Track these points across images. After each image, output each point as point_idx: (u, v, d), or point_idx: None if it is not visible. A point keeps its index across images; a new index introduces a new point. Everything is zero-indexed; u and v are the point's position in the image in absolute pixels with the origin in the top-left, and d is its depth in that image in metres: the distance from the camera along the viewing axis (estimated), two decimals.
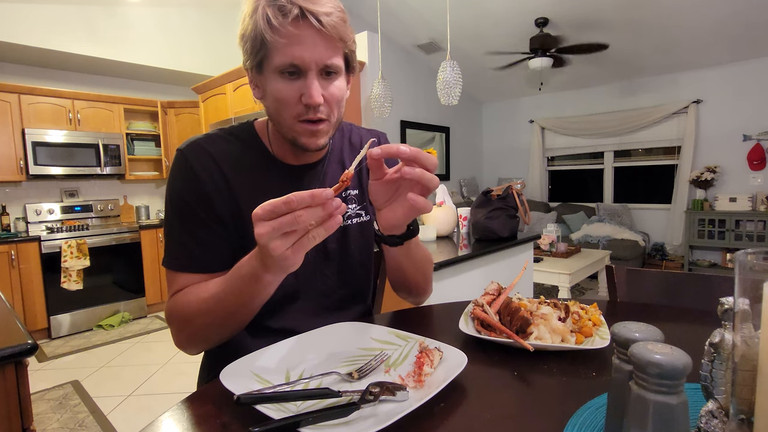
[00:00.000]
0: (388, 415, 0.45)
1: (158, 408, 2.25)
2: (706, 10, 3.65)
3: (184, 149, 0.74)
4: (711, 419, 0.37)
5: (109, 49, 3.61)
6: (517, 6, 3.95)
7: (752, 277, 0.32)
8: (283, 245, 0.50)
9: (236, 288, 0.61)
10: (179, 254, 0.72)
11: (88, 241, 3.48)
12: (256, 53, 0.66)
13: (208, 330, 0.67)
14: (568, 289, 3.20)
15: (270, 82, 0.67)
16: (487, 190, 2.08)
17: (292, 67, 0.64)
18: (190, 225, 0.72)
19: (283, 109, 0.68)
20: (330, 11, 0.63)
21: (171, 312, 0.70)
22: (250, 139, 0.78)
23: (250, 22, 0.64)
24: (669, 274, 1.08)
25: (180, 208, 0.72)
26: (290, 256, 0.51)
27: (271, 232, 0.50)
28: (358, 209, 0.86)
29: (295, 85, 0.66)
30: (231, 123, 3.24)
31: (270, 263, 0.53)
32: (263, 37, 0.63)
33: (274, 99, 0.68)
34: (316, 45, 0.64)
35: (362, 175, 0.88)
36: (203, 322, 0.66)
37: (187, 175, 0.72)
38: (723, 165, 4.57)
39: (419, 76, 5.30)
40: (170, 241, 0.73)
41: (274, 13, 0.61)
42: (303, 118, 0.68)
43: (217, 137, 0.77)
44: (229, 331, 0.68)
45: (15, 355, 0.82)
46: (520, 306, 0.70)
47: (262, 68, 0.68)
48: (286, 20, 0.62)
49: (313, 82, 0.65)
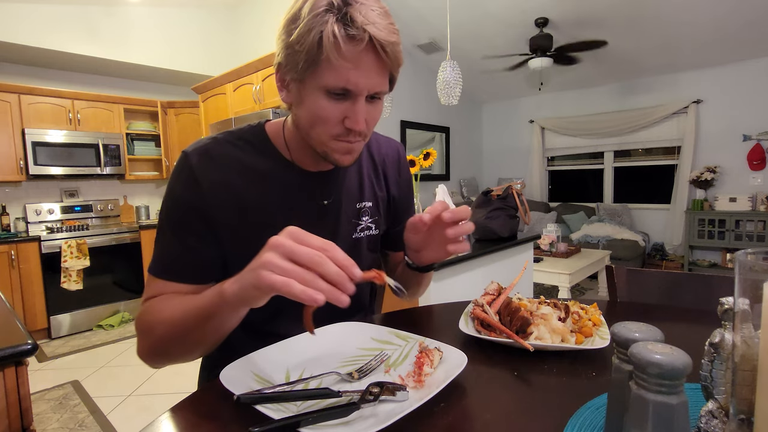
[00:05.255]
0: (388, 415, 0.45)
1: (158, 408, 2.25)
2: (706, 10, 3.64)
3: (190, 153, 0.71)
4: (711, 419, 0.37)
5: (109, 49, 3.61)
6: (517, 6, 3.95)
7: (752, 277, 0.32)
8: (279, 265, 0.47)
9: (199, 303, 0.58)
10: (164, 259, 0.70)
11: (88, 241, 3.48)
12: (307, 67, 0.60)
13: (168, 344, 0.63)
14: (568, 289, 3.19)
15: (312, 96, 0.63)
16: (487, 190, 2.08)
17: (343, 90, 0.61)
18: (180, 231, 0.69)
19: (321, 126, 0.64)
20: (394, 40, 0.60)
21: (139, 319, 0.67)
22: (263, 144, 0.75)
23: (309, 34, 0.58)
24: (669, 274, 1.08)
25: (174, 215, 0.70)
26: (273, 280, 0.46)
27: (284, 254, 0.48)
28: (370, 222, 0.85)
29: (341, 106, 0.63)
30: (231, 123, 3.24)
31: (246, 279, 0.50)
32: (324, 55, 0.58)
33: (313, 114, 0.64)
34: (373, 72, 0.61)
35: (375, 189, 0.86)
36: (165, 333, 0.62)
37: (188, 182, 0.69)
38: (723, 165, 4.57)
39: (419, 76, 5.30)
40: (158, 246, 0.71)
41: (344, 37, 0.57)
42: (343, 138, 0.66)
43: (225, 142, 0.73)
44: (189, 350, 0.64)
45: (15, 355, 0.82)
46: (520, 306, 0.70)
47: (305, 80, 0.62)
48: (356, 48, 0.58)
49: (361, 109, 0.63)
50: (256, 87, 3.21)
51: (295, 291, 0.45)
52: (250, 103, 3.29)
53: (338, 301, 0.46)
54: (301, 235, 0.49)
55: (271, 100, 3.10)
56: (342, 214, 0.80)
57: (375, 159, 0.87)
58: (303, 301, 0.45)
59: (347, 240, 0.81)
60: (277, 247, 0.48)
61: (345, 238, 0.81)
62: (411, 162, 2.17)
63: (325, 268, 0.46)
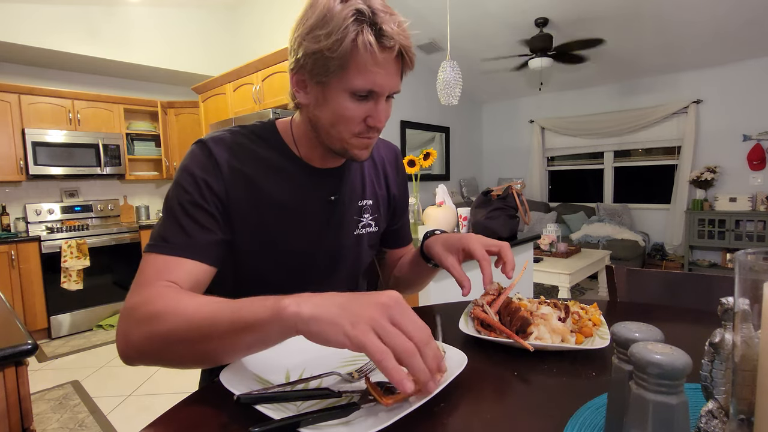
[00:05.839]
0: (388, 415, 0.45)
1: (158, 408, 2.25)
2: (706, 10, 3.64)
3: (207, 140, 0.72)
4: (711, 419, 0.37)
5: (109, 49, 3.61)
6: (517, 6, 3.95)
7: (752, 277, 0.32)
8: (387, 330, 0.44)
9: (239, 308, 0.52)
10: (172, 236, 0.66)
11: (88, 241, 3.48)
12: (335, 70, 0.63)
13: (177, 343, 0.55)
14: (568, 289, 3.20)
15: (336, 99, 0.66)
16: (487, 190, 2.08)
17: (368, 92, 0.65)
18: (195, 211, 0.67)
19: (343, 125, 0.68)
20: (412, 46, 0.66)
21: (138, 305, 0.58)
22: (274, 139, 0.77)
23: (343, 41, 0.60)
24: (669, 274, 1.08)
25: (188, 191, 0.68)
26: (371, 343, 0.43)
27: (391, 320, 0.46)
28: (371, 219, 0.87)
29: (364, 107, 0.67)
30: (231, 123, 3.24)
31: (331, 315, 0.45)
32: (357, 61, 0.62)
33: (336, 114, 0.67)
34: (395, 75, 0.67)
35: (376, 187, 0.89)
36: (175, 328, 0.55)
37: (209, 163, 0.70)
38: (723, 165, 4.57)
39: (419, 76, 5.30)
40: (164, 225, 0.67)
41: (379, 46, 0.62)
42: (363, 135, 0.70)
43: (239, 134, 0.75)
44: (200, 358, 0.56)
45: (15, 356, 0.82)
46: (520, 306, 0.70)
47: (330, 82, 0.65)
48: (389, 56, 0.64)
49: (383, 107, 0.68)
50: (256, 87, 3.21)
51: (388, 366, 0.42)
52: (250, 103, 3.29)
53: (424, 391, 0.45)
54: (407, 310, 0.47)
55: (271, 100, 3.10)
56: (346, 211, 0.82)
57: (375, 159, 0.91)
58: (391, 380, 0.42)
59: (350, 236, 0.83)
60: (388, 307, 0.46)
61: (348, 234, 0.83)
62: (411, 162, 2.17)
63: (414, 361, 0.44)
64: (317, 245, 0.79)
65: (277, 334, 0.50)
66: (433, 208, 2.18)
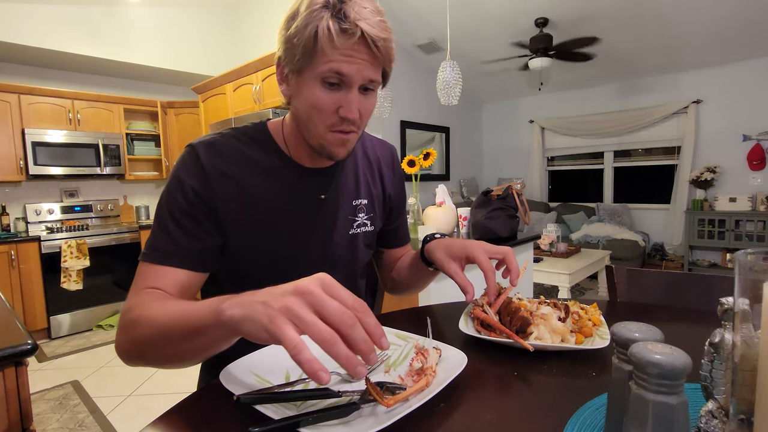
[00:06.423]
0: (388, 415, 0.45)
1: (158, 408, 2.25)
2: (706, 10, 3.64)
3: (196, 145, 0.72)
4: (711, 419, 0.37)
5: (109, 49, 3.60)
6: (517, 6, 3.95)
7: (752, 277, 0.32)
8: (301, 317, 0.42)
9: (189, 314, 0.53)
10: (161, 245, 0.68)
11: (88, 241, 3.48)
12: (304, 59, 0.64)
13: (147, 347, 0.59)
14: (568, 289, 3.20)
15: (308, 87, 0.66)
16: (487, 190, 2.08)
17: (336, 78, 0.64)
18: (184, 220, 0.69)
19: (317, 117, 0.68)
20: (386, 36, 0.64)
21: (125, 311, 0.63)
22: (265, 140, 0.78)
23: (306, 29, 0.62)
24: (669, 274, 1.08)
25: (176, 199, 0.70)
26: (286, 336, 0.41)
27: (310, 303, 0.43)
28: (366, 218, 0.87)
29: (335, 96, 0.66)
30: (231, 123, 3.24)
31: (255, 313, 0.44)
32: (319, 46, 0.62)
33: (309, 104, 0.67)
34: (364, 63, 0.65)
35: (371, 187, 0.88)
36: (146, 335, 0.58)
37: (196, 169, 0.71)
38: (723, 165, 4.57)
39: (419, 76, 5.30)
40: (154, 233, 0.70)
41: (337, 30, 0.61)
42: (336, 128, 0.68)
43: (230, 136, 0.76)
44: (167, 360, 0.60)
45: (15, 356, 0.82)
46: (520, 306, 0.70)
47: (302, 71, 0.66)
48: (349, 41, 0.62)
49: (354, 97, 0.66)
50: (255, 87, 3.21)
51: (301, 359, 0.40)
52: (250, 103, 3.29)
53: (354, 372, 0.40)
54: (334, 287, 0.44)
55: (271, 100, 3.10)
56: (339, 211, 0.82)
57: (370, 158, 0.91)
58: (305, 372, 0.40)
59: (344, 235, 0.83)
60: (306, 294, 0.43)
61: (342, 234, 0.83)
62: (411, 162, 2.17)
63: (354, 332, 0.41)
64: (310, 245, 0.79)
65: (224, 337, 0.50)
66: (433, 208, 2.18)
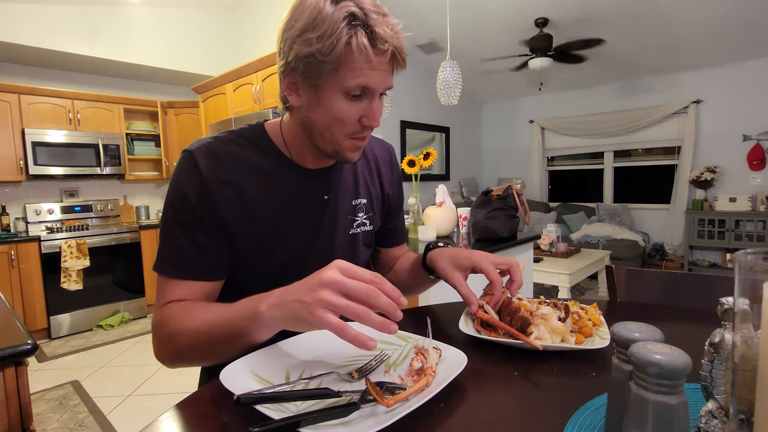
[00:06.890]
0: (388, 415, 0.45)
1: (158, 408, 2.25)
2: (706, 10, 3.65)
3: (193, 151, 0.71)
4: (711, 419, 0.37)
5: (109, 49, 3.61)
6: (517, 6, 3.95)
7: (752, 277, 0.32)
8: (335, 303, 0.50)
9: (230, 319, 0.60)
10: (175, 259, 0.69)
11: (88, 241, 3.48)
12: (328, 73, 0.63)
13: (191, 353, 0.66)
14: (568, 289, 3.20)
15: (329, 100, 0.65)
16: (487, 190, 2.08)
17: (361, 91, 0.65)
18: (190, 229, 0.69)
19: (338, 127, 0.68)
20: (404, 45, 0.66)
21: (159, 325, 0.67)
22: (263, 142, 0.77)
23: (337, 45, 0.60)
24: (669, 274, 1.08)
25: (182, 211, 0.70)
26: (329, 321, 0.50)
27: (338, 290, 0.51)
28: (365, 218, 0.87)
29: (358, 106, 0.67)
30: (231, 123, 3.24)
31: (294, 310, 0.53)
32: (350, 62, 0.62)
33: (330, 116, 0.67)
34: (386, 74, 0.67)
35: (369, 186, 0.88)
36: (188, 344, 0.64)
37: (195, 178, 0.69)
38: (723, 165, 4.57)
39: (419, 76, 5.30)
40: (166, 245, 0.70)
41: (374, 49, 0.62)
42: (356, 135, 0.70)
43: (227, 140, 0.74)
44: (212, 360, 0.66)
45: (15, 356, 0.82)
46: (520, 306, 0.70)
47: (322, 84, 0.65)
48: (383, 58, 0.63)
49: (378, 107, 0.68)
50: (255, 87, 3.21)
51: (348, 336, 0.49)
52: (250, 103, 3.29)
53: (389, 331, 0.50)
54: (352, 270, 0.53)
55: (270, 101, 3.10)
56: (339, 210, 0.82)
57: (368, 158, 0.91)
58: (356, 345, 0.49)
59: (345, 235, 0.83)
60: (332, 283, 0.51)
61: (343, 234, 0.83)
62: (411, 162, 2.17)
63: (379, 301, 0.51)
64: (313, 246, 0.79)
65: (266, 335, 0.58)
66: (433, 208, 2.18)
